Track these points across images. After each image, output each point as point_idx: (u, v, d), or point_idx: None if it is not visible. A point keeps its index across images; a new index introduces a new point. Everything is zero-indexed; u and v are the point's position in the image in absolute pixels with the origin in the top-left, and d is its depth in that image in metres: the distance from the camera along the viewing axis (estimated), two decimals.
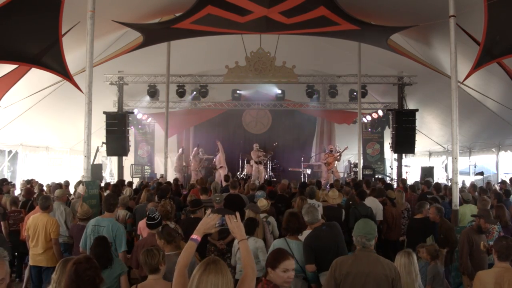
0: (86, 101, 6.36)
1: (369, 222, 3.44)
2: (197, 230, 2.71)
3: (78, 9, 6.76)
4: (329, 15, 7.99)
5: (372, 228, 3.32)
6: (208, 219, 2.73)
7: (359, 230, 3.31)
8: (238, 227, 2.70)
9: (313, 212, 4.43)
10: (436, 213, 5.81)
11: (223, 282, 2.19)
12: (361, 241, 3.27)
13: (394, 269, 3.22)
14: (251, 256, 2.66)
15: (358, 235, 3.29)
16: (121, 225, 5.13)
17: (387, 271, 3.16)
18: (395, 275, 3.18)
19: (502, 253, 3.48)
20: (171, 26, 8.77)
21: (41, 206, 5.62)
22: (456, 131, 6.46)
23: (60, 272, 2.80)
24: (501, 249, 3.49)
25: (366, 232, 3.28)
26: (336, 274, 3.23)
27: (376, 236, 3.33)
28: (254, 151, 15.74)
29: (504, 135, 12.44)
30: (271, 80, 13.32)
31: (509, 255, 3.47)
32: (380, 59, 12.49)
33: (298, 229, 4.41)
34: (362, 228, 3.32)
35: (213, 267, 2.22)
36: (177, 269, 2.60)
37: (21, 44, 6.45)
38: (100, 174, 13.58)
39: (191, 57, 13.67)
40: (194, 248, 2.67)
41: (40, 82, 9.70)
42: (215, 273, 2.20)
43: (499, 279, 3.34)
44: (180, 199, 8.10)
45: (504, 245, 3.49)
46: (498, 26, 6.19)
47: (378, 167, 16.01)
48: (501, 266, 3.46)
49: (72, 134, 14.05)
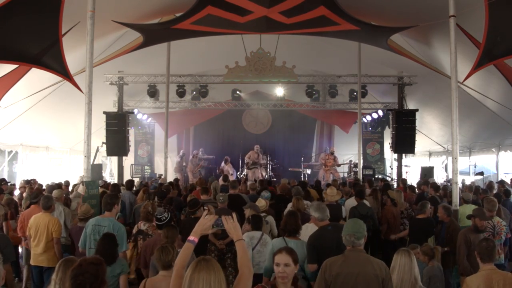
0: (86, 101, 6.36)
1: (358, 221, 3.44)
2: (194, 231, 2.72)
3: (78, 9, 6.77)
4: (329, 15, 7.99)
5: (361, 227, 3.31)
6: (205, 220, 2.73)
7: (348, 229, 3.31)
8: (235, 227, 2.70)
9: (323, 210, 4.46)
10: (444, 212, 5.83)
11: (215, 279, 2.20)
12: (350, 239, 3.26)
13: (385, 269, 3.18)
14: (247, 256, 2.67)
15: (347, 233, 3.29)
16: (122, 225, 5.14)
17: (377, 271, 3.14)
18: (385, 275, 3.15)
19: (484, 254, 3.45)
20: (171, 26, 8.77)
21: (43, 206, 5.62)
22: (456, 131, 6.46)
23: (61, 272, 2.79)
24: (482, 250, 3.45)
25: (355, 230, 3.27)
26: (326, 275, 3.22)
27: (365, 236, 3.31)
28: (253, 152, 15.68)
29: (504, 135, 12.44)
30: (271, 80, 13.32)
31: (491, 256, 3.43)
32: (380, 59, 12.49)
33: (295, 229, 4.43)
34: (351, 227, 3.31)
35: (204, 265, 2.23)
36: (175, 271, 2.60)
37: (21, 44, 6.45)
38: (100, 174, 13.58)
39: (191, 57, 13.67)
40: (191, 249, 2.67)
41: (40, 82, 9.70)
42: (206, 270, 2.21)
43: (488, 282, 3.28)
44: (181, 199, 8.10)
45: (484, 246, 3.46)
46: (498, 27, 6.20)
47: (378, 167, 16.00)
48: (486, 268, 3.42)
49: (72, 134, 14.05)
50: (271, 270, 4.22)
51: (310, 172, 16.48)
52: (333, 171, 14.99)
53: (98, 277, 2.53)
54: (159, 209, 5.12)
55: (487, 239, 3.74)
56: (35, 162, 14.48)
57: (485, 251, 3.44)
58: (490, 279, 3.29)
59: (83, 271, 2.49)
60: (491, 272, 3.36)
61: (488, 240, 3.64)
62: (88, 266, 2.53)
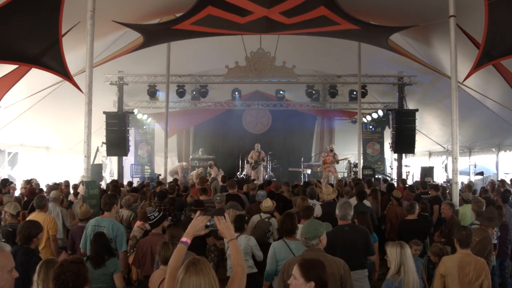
0: (86, 101, 6.36)
1: (312, 222, 3.49)
2: (187, 233, 2.72)
3: (78, 9, 6.77)
4: (329, 15, 8.00)
5: (312, 227, 3.36)
6: (197, 221, 2.73)
7: (302, 231, 3.40)
8: (227, 227, 2.70)
9: (346, 209, 4.47)
10: (449, 208, 5.92)
11: (205, 282, 2.18)
12: (303, 240, 3.35)
13: (343, 266, 3.24)
14: (241, 255, 2.67)
15: (301, 234, 3.38)
16: (121, 225, 5.14)
17: (335, 269, 3.17)
18: (344, 272, 3.20)
19: (462, 241, 3.96)
20: (171, 27, 8.77)
21: (37, 205, 5.63)
22: (456, 131, 6.46)
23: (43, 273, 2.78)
24: (461, 237, 3.96)
25: (306, 231, 3.34)
26: (285, 276, 3.22)
27: (319, 236, 3.30)
28: (254, 151, 15.66)
29: (504, 135, 12.43)
30: (271, 80, 13.32)
31: (469, 243, 3.96)
32: (380, 59, 12.49)
33: (291, 229, 4.42)
34: (303, 228, 3.42)
35: (193, 269, 2.21)
36: (168, 272, 2.59)
37: (21, 44, 6.45)
38: (100, 174, 13.57)
39: (191, 57, 13.67)
40: (184, 250, 2.67)
41: (40, 82, 9.70)
42: (196, 275, 2.19)
43: (462, 263, 3.84)
44: (182, 199, 8.10)
45: (464, 235, 3.96)
46: (498, 27, 6.20)
47: (378, 167, 15.99)
48: (462, 252, 3.94)
49: (72, 134, 14.03)
50: (272, 274, 4.22)
51: (310, 172, 16.47)
52: (332, 170, 14.95)
53: (80, 276, 2.57)
54: (149, 208, 5.11)
55: (465, 227, 4.24)
56: (35, 162, 14.48)
57: (464, 238, 3.95)
58: (464, 261, 3.86)
59: (65, 270, 2.54)
60: (465, 256, 3.91)
61: (466, 228, 4.14)
62: (69, 265, 2.58)
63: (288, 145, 18.15)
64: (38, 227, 4.00)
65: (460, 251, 3.97)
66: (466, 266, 3.81)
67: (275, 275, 4.12)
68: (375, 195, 7.87)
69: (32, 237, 3.89)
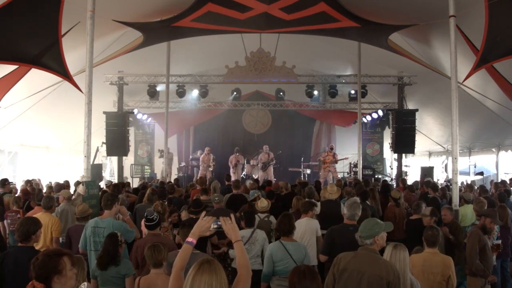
0: (86, 101, 6.36)
1: (369, 220, 3.45)
2: (192, 233, 2.71)
3: (78, 9, 6.76)
4: (329, 11, 8.02)
5: (367, 227, 3.37)
6: (203, 222, 2.71)
7: (359, 228, 3.42)
8: (233, 228, 2.68)
9: (355, 209, 4.53)
10: (450, 213, 5.87)
11: (217, 282, 2.19)
12: (358, 239, 3.38)
13: (393, 272, 3.09)
14: (246, 256, 2.65)
15: (356, 232, 3.41)
16: (121, 222, 5.15)
17: (384, 272, 3.09)
18: (393, 278, 3.06)
19: (429, 240, 4.12)
20: (171, 24, 8.77)
21: (44, 205, 5.62)
22: (456, 131, 6.46)
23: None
24: (428, 237, 4.13)
25: (361, 229, 3.38)
26: (335, 269, 3.28)
27: (376, 236, 3.31)
28: (263, 153, 15.60)
29: (504, 135, 12.43)
30: (271, 80, 13.31)
31: (435, 242, 4.11)
32: (380, 59, 12.48)
33: (289, 230, 4.43)
34: (361, 227, 3.43)
35: (207, 267, 2.22)
36: (173, 272, 2.59)
37: (21, 44, 6.45)
38: (100, 174, 13.56)
39: (191, 57, 13.66)
40: (189, 251, 2.67)
41: (40, 82, 9.70)
42: (209, 273, 2.20)
43: (428, 261, 4.05)
44: (182, 199, 8.10)
45: (430, 234, 4.13)
46: (499, 27, 6.20)
47: (378, 167, 15.99)
48: (429, 251, 4.13)
49: (72, 134, 14.03)
50: (269, 276, 4.24)
51: (310, 172, 16.47)
52: (332, 170, 14.94)
53: (47, 267, 2.55)
54: (149, 210, 5.10)
55: (432, 227, 4.35)
56: (35, 162, 14.48)
57: (430, 237, 4.12)
58: (430, 259, 4.06)
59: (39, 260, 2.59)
60: (431, 255, 4.10)
61: (433, 228, 4.26)
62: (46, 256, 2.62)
63: (288, 145, 18.14)
64: (36, 224, 3.97)
65: (427, 250, 4.13)
66: (431, 264, 3.99)
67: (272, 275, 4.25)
68: (373, 195, 7.87)
69: (30, 234, 3.85)
